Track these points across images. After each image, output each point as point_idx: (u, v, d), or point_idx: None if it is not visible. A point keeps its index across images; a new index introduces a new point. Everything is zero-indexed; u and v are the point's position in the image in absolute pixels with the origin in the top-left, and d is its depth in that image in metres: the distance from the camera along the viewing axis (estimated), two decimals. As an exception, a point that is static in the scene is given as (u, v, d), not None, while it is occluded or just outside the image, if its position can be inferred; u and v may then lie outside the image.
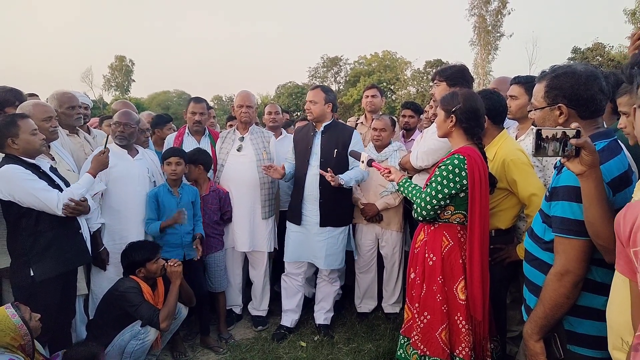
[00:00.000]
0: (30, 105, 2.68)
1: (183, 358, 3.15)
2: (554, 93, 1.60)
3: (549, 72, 1.65)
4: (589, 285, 1.51)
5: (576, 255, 1.46)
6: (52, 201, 2.40)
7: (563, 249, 1.49)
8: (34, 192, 2.36)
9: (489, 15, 34.32)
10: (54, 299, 2.48)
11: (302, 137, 3.42)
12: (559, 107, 1.59)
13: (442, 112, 2.18)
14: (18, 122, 2.39)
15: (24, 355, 2.03)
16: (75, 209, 2.48)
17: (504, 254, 2.36)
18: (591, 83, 1.55)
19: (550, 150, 1.36)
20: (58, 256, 2.48)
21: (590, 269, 1.50)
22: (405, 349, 2.33)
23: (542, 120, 1.66)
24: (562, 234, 1.48)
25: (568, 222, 1.46)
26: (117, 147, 3.12)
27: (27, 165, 2.42)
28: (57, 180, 2.57)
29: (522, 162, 2.29)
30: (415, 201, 2.19)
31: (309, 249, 3.35)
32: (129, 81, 52.01)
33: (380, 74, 41.27)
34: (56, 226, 2.48)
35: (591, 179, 1.34)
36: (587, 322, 1.52)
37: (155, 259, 2.78)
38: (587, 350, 1.52)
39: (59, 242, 2.49)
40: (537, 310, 1.56)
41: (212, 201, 3.38)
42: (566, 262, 1.47)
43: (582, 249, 1.45)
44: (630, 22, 27.23)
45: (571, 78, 1.57)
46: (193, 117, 3.67)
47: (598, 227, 1.36)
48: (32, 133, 2.42)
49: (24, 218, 2.42)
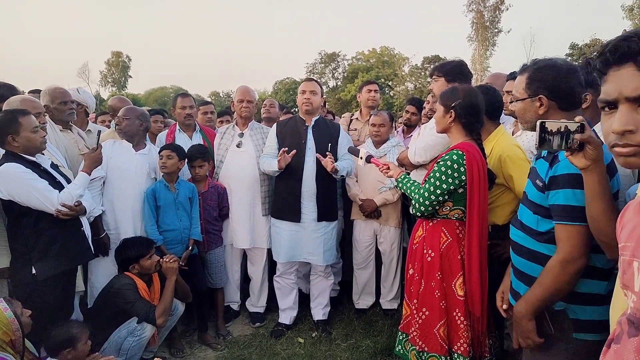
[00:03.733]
0: (17, 101, 2.64)
1: (181, 355, 3.14)
2: (535, 85, 1.64)
3: (531, 64, 1.69)
4: (589, 272, 1.53)
5: (581, 242, 1.47)
6: (53, 202, 2.38)
7: (567, 237, 1.49)
8: (34, 192, 2.34)
9: (487, 11, 34.27)
10: (55, 297, 2.46)
11: (290, 132, 3.31)
12: (540, 98, 1.63)
13: (442, 108, 2.17)
14: (19, 119, 2.35)
15: (14, 352, 2.00)
16: (68, 215, 2.44)
17: (501, 250, 2.36)
18: (571, 76, 1.60)
19: (555, 143, 1.35)
20: (60, 254, 2.46)
21: (590, 256, 1.51)
22: (404, 345, 2.33)
23: (523, 111, 1.70)
24: (567, 222, 1.48)
25: (572, 209, 1.47)
26: (124, 141, 3.16)
27: (28, 163, 2.39)
28: (59, 177, 2.54)
29: (518, 158, 2.29)
30: (414, 197, 2.18)
31: (304, 247, 3.31)
32: (126, 77, 51.75)
33: (378, 70, 41.16)
34: (58, 225, 2.45)
35: (595, 173, 1.32)
36: (590, 308, 1.54)
37: (149, 255, 2.77)
38: (593, 335, 1.54)
39: (61, 240, 2.47)
40: (534, 292, 1.58)
41: (211, 197, 3.37)
42: (572, 249, 1.47)
43: (587, 234, 1.46)
44: (628, 18, 27.30)
45: (552, 70, 1.61)
46: (183, 111, 3.65)
47: (601, 223, 1.35)
48: (33, 130, 2.38)
49: (25, 217, 2.39)
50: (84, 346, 2.24)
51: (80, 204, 2.53)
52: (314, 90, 3.26)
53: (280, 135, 3.33)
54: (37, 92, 3.49)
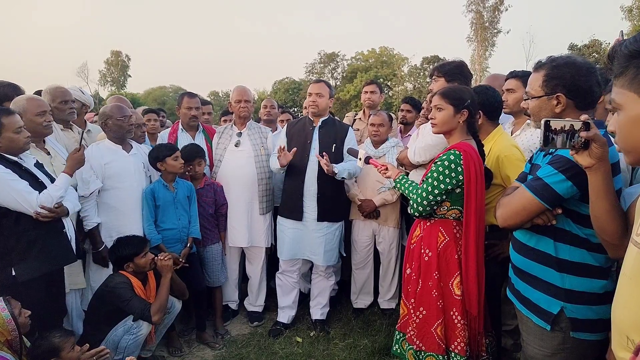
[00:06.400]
0: (24, 100, 2.64)
1: (179, 354, 3.14)
2: (553, 82, 1.60)
3: (548, 61, 1.64)
4: (588, 270, 1.54)
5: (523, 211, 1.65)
6: (31, 203, 2.32)
7: (519, 197, 1.65)
8: (12, 193, 2.27)
9: (486, 12, 34.37)
10: (37, 298, 2.39)
11: (297, 132, 3.38)
12: (558, 96, 1.59)
13: (450, 107, 2.12)
14: (2, 119, 2.29)
15: (12, 352, 1.99)
16: (47, 217, 2.38)
17: (498, 249, 2.36)
18: (590, 75, 1.56)
19: (559, 142, 1.34)
20: (41, 256, 2.39)
21: (588, 255, 1.52)
22: (401, 344, 2.34)
23: (538, 109, 1.66)
24: (527, 188, 1.62)
25: (543, 184, 1.58)
26: (111, 143, 3.09)
27: (8, 163, 2.33)
28: (42, 177, 2.48)
29: (516, 158, 2.29)
30: (412, 197, 2.18)
31: (306, 246, 3.33)
32: (125, 76, 51.69)
33: (378, 70, 41.17)
34: (38, 226, 2.38)
35: (600, 172, 1.32)
36: (587, 307, 1.55)
37: (143, 253, 2.76)
38: (590, 335, 1.55)
39: (42, 242, 2.40)
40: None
41: (207, 194, 3.38)
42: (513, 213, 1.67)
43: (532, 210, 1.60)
44: (627, 19, 27.38)
45: (572, 68, 1.57)
46: (189, 112, 3.63)
47: (604, 222, 1.35)
48: (15, 131, 2.32)
49: (4, 218, 2.32)
50: (70, 353, 2.19)
51: (61, 206, 2.47)
52: (320, 93, 3.27)
53: (289, 134, 3.41)
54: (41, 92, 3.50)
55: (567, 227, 1.59)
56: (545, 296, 1.63)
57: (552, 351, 1.63)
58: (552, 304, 1.61)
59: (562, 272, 1.59)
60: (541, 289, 1.65)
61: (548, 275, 1.62)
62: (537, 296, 1.66)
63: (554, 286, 1.61)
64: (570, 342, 1.58)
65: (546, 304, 1.63)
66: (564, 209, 1.57)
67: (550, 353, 1.64)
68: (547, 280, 1.63)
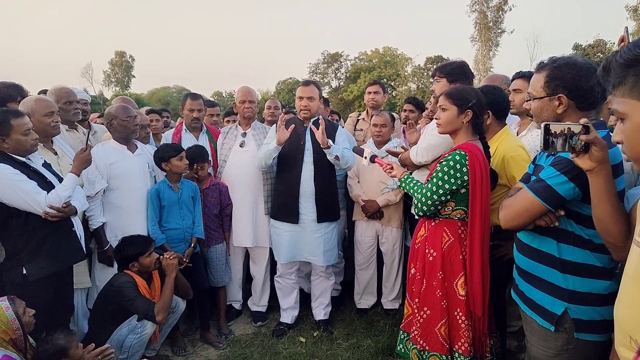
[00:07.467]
0: (32, 101, 2.67)
1: (183, 353, 3.16)
2: (554, 83, 1.60)
3: (549, 62, 1.64)
4: (591, 271, 1.54)
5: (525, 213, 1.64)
6: (40, 204, 2.35)
7: (522, 197, 1.64)
8: (21, 194, 2.30)
9: (490, 12, 34.17)
10: (47, 297, 2.43)
11: (290, 134, 3.27)
12: (559, 97, 1.59)
13: (454, 108, 2.12)
14: (11, 121, 2.32)
15: (16, 351, 2.00)
16: (56, 217, 2.41)
17: (503, 250, 2.36)
18: (591, 75, 1.56)
19: (559, 145, 1.35)
20: (51, 255, 2.43)
21: (591, 255, 1.51)
22: (405, 344, 2.34)
23: (540, 110, 1.66)
24: (529, 189, 1.62)
25: (546, 186, 1.58)
26: (116, 143, 3.11)
27: (17, 164, 2.36)
28: (50, 177, 2.51)
29: (521, 159, 2.28)
30: (416, 197, 2.18)
31: (305, 248, 3.31)
32: (129, 77, 51.81)
33: (381, 70, 41.10)
34: (48, 225, 2.41)
35: (601, 175, 1.32)
36: (591, 308, 1.55)
37: (148, 252, 2.78)
38: (594, 336, 1.55)
39: (52, 241, 2.44)
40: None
41: (212, 194, 3.40)
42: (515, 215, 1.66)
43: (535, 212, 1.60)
44: (632, 18, 27.20)
45: (572, 69, 1.57)
46: (191, 114, 3.65)
47: (607, 224, 1.35)
48: (24, 133, 2.35)
49: (14, 218, 2.36)
50: (76, 351, 2.21)
51: (69, 205, 2.50)
52: (312, 96, 3.24)
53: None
54: (46, 92, 3.53)
55: (569, 228, 1.58)
56: (549, 297, 1.63)
57: (556, 352, 1.63)
58: (556, 305, 1.61)
59: (565, 273, 1.59)
60: (545, 290, 1.65)
61: (551, 276, 1.62)
62: (540, 297, 1.66)
63: (557, 287, 1.61)
64: (574, 343, 1.58)
65: (550, 305, 1.63)
66: (566, 210, 1.57)
67: (554, 354, 1.64)
68: (550, 281, 1.63)
